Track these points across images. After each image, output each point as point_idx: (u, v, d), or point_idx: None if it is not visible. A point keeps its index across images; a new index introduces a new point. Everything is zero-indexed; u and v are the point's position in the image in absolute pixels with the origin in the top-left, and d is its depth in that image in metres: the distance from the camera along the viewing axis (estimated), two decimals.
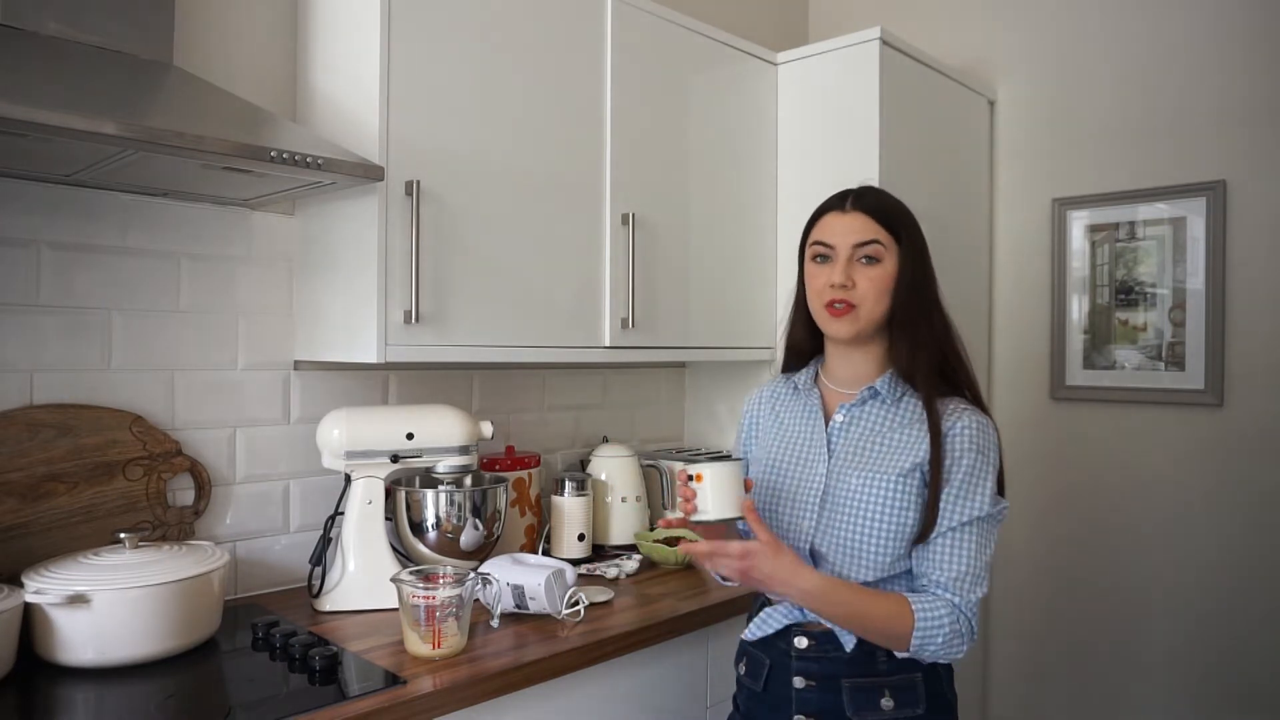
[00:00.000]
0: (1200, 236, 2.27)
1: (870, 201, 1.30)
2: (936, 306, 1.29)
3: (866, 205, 1.29)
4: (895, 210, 1.30)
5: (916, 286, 1.27)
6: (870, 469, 1.25)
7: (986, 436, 1.23)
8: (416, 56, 1.57)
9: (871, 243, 1.26)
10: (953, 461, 1.21)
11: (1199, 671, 2.29)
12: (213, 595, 1.40)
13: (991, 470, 1.22)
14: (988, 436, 1.24)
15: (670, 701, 1.63)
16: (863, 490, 1.24)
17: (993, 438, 1.25)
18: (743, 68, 2.22)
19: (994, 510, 1.21)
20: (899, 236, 1.28)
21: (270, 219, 1.74)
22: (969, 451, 1.22)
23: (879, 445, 1.26)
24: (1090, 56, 2.46)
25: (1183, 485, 2.31)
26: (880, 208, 1.29)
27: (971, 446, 1.22)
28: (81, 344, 1.52)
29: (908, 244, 1.28)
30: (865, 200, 1.30)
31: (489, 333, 1.69)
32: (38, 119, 1.07)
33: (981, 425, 1.24)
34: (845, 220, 1.28)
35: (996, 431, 1.27)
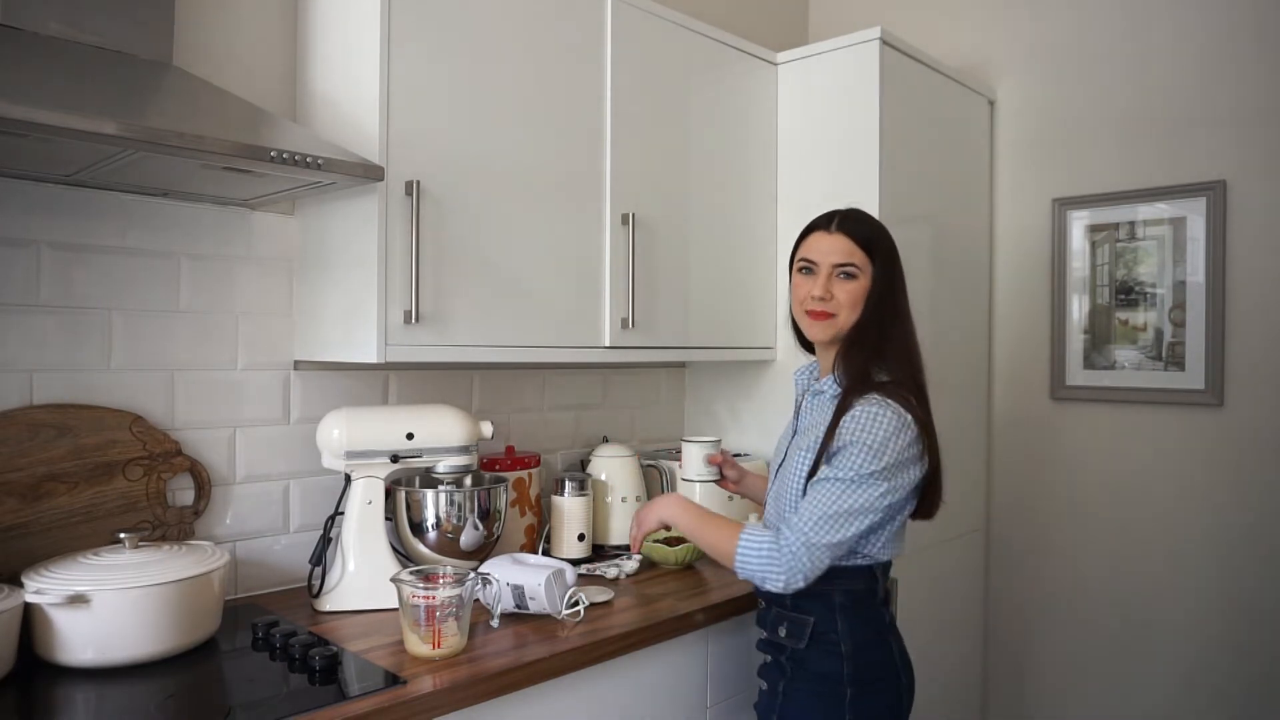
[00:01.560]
0: (1200, 236, 2.27)
1: (852, 226, 1.49)
2: (896, 318, 1.48)
3: (848, 229, 1.49)
4: (874, 234, 1.50)
5: (881, 302, 1.46)
6: (804, 447, 1.47)
7: (875, 422, 1.37)
8: (416, 56, 1.57)
9: (849, 264, 1.47)
10: (839, 441, 1.39)
11: (1199, 671, 2.29)
12: (213, 595, 1.40)
13: (867, 451, 1.35)
14: (876, 422, 1.37)
15: (670, 701, 1.63)
16: (791, 464, 1.49)
17: (884, 424, 1.36)
18: (743, 68, 2.22)
19: (852, 475, 1.36)
20: (874, 258, 1.47)
21: (270, 219, 1.74)
22: (849, 433, 1.38)
23: (816, 428, 1.47)
24: (1090, 56, 2.46)
25: (1183, 485, 2.31)
26: (860, 232, 1.49)
27: (853, 427, 1.38)
28: (81, 344, 1.52)
29: (880, 265, 1.47)
30: (848, 224, 1.49)
31: (489, 333, 1.69)
32: (38, 119, 1.07)
33: (872, 414, 1.38)
34: (829, 240, 1.49)
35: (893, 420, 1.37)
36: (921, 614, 2.33)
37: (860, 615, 1.47)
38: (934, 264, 2.37)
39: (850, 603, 1.46)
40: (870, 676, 1.46)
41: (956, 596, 2.53)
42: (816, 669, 1.47)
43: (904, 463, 1.39)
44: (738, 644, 1.76)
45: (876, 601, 1.50)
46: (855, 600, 1.47)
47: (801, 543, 1.36)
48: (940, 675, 2.46)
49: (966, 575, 2.58)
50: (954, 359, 2.48)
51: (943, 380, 2.42)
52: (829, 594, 1.46)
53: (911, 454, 1.40)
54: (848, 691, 1.44)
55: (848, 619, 1.46)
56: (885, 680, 1.48)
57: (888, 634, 1.50)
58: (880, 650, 1.48)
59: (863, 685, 1.45)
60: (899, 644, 1.52)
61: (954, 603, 2.52)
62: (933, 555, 2.39)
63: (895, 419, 1.38)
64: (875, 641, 1.48)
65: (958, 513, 2.52)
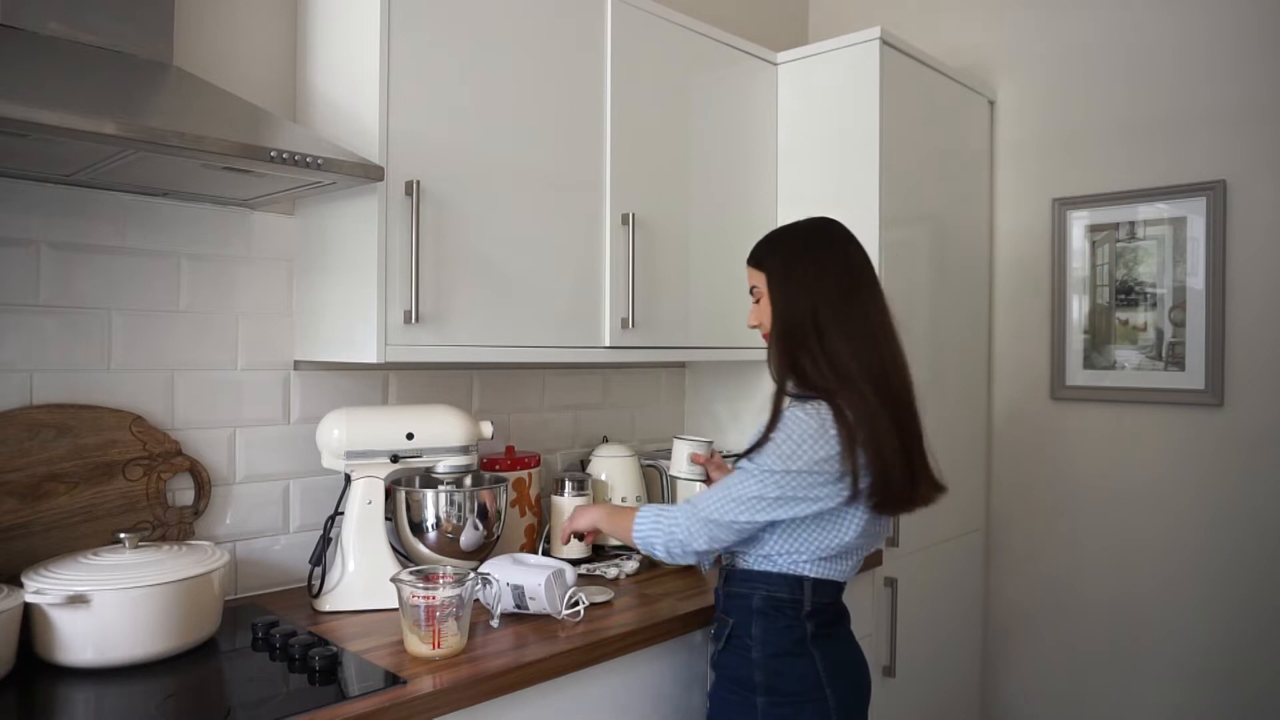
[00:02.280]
0: (1200, 236, 2.27)
1: (751, 251, 1.54)
2: (798, 324, 1.43)
3: (749, 256, 1.55)
4: (765, 249, 1.53)
5: (779, 311, 1.47)
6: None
7: (793, 427, 1.37)
8: (416, 56, 1.57)
9: (753, 288, 1.53)
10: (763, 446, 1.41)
11: (1199, 670, 2.29)
12: (212, 595, 1.40)
13: (778, 451, 1.37)
14: (795, 427, 1.37)
15: (670, 701, 1.63)
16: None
17: (793, 429, 1.36)
18: (743, 67, 2.22)
19: (756, 468, 1.38)
20: (766, 270, 1.50)
21: (270, 219, 1.74)
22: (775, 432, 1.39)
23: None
24: (1090, 56, 2.46)
25: (1183, 485, 2.31)
26: (754, 254, 1.54)
27: (779, 427, 1.39)
28: (81, 344, 1.52)
29: (771, 272, 1.49)
30: (750, 252, 1.55)
31: (489, 333, 1.69)
32: (38, 119, 1.07)
33: (796, 419, 1.37)
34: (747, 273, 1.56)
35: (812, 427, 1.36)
36: (921, 614, 2.34)
37: (777, 623, 1.43)
38: (934, 264, 2.37)
39: (768, 609, 1.43)
40: (788, 689, 1.41)
41: (956, 596, 2.53)
42: (731, 673, 1.46)
43: (815, 475, 1.35)
44: None
45: (799, 613, 1.43)
46: (774, 607, 1.43)
47: (689, 513, 1.42)
48: (940, 675, 2.46)
49: (966, 575, 2.58)
50: (954, 359, 2.48)
51: (943, 380, 2.43)
52: (749, 597, 1.45)
53: (828, 469, 1.35)
54: (758, 701, 1.42)
55: (763, 625, 1.43)
56: (807, 696, 1.41)
57: (810, 647, 1.43)
58: (799, 663, 1.42)
59: (778, 696, 1.41)
60: (832, 660, 1.44)
61: (953, 602, 2.52)
62: (933, 555, 2.39)
63: (813, 424, 1.35)
64: (793, 652, 1.42)
65: (958, 513, 2.52)
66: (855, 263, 1.47)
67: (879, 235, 2.12)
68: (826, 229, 1.51)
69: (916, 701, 2.33)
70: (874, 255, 2.10)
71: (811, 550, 1.42)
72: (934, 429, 2.35)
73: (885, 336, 1.44)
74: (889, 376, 1.41)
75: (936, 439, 2.36)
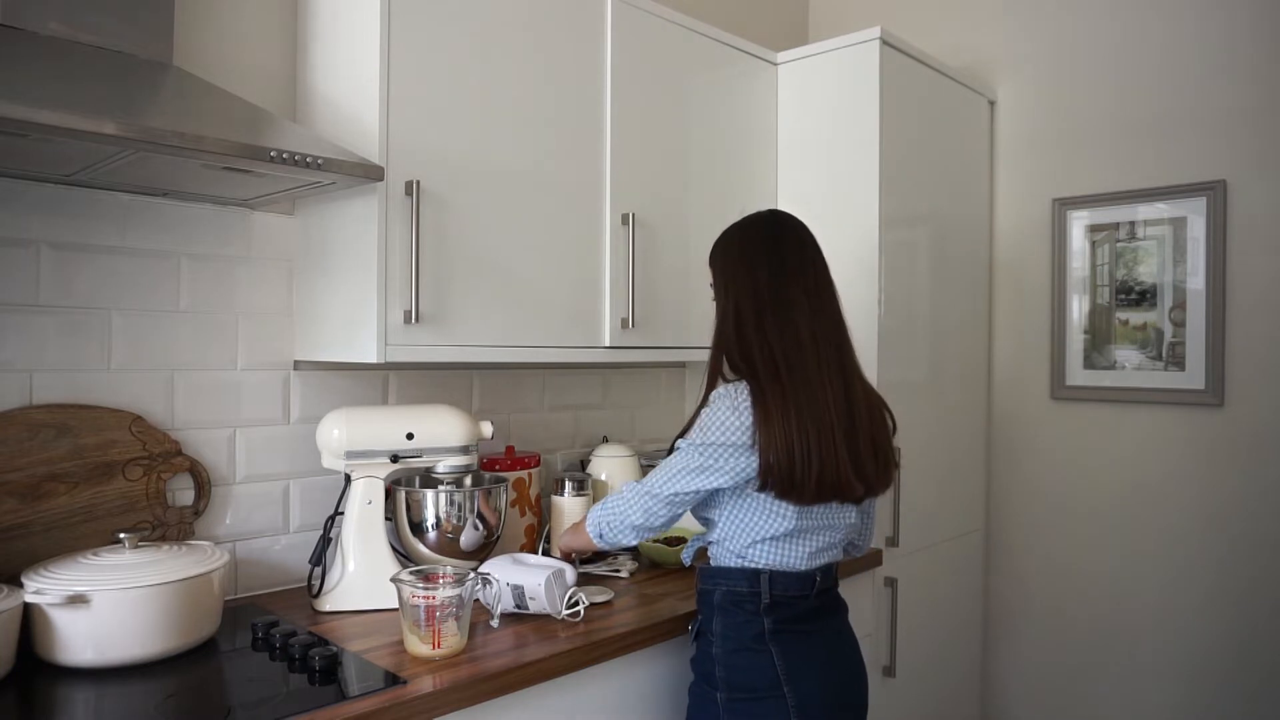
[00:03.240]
0: (1200, 236, 2.27)
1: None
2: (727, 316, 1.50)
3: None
4: (713, 250, 1.58)
5: (717, 306, 1.53)
6: None
7: (713, 403, 1.46)
8: (416, 56, 1.57)
9: (711, 287, 1.57)
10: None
11: (1199, 670, 2.29)
12: (212, 595, 1.40)
13: (699, 426, 1.45)
14: (713, 403, 1.46)
15: (670, 702, 1.63)
16: None
17: (717, 405, 1.44)
18: (743, 68, 2.22)
19: (684, 443, 1.46)
20: (710, 266, 1.57)
21: (270, 219, 1.74)
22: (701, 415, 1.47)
23: None
24: (1090, 56, 2.46)
25: (1183, 485, 2.31)
26: (709, 257, 1.59)
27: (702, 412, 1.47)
28: (81, 344, 1.52)
29: (712, 270, 1.56)
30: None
31: (489, 333, 1.69)
32: (38, 119, 1.07)
33: (715, 396, 1.46)
34: None
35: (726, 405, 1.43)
36: (921, 613, 2.33)
37: (735, 618, 1.44)
38: (934, 264, 2.37)
39: (727, 604, 1.45)
40: (746, 685, 1.42)
41: (956, 596, 2.53)
42: (698, 668, 1.50)
43: (730, 444, 1.41)
44: None
45: (758, 607, 1.43)
46: (733, 602, 1.45)
47: (631, 489, 1.50)
48: (939, 674, 2.46)
49: (966, 575, 2.58)
50: (954, 359, 2.48)
51: (943, 380, 2.43)
52: (712, 592, 1.48)
53: (741, 439, 1.40)
54: (719, 695, 1.43)
55: (722, 620, 1.46)
56: (765, 693, 1.41)
57: (768, 643, 1.42)
58: (756, 659, 1.42)
59: (736, 692, 1.42)
60: (793, 658, 1.43)
61: (953, 602, 2.52)
62: (933, 555, 2.39)
63: (730, 406, 1.42)
64: (750, 648, 1.43)
65: (958, 513, 2.52)
66: (784, 257, 1.48)
67: (879, 235, 2.12)
68: (763, 224, 1.55)
69: (916, 701, 2.33)
70: (874, 255, 2.12)
71: (755, 530, 1.45)
72: (934, 429, 2.38)
73: (816, 329, 1.45)
74: (808, 368, 1.42)
75: (936, 439, 2.39)
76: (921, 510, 2.30)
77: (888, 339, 2.16)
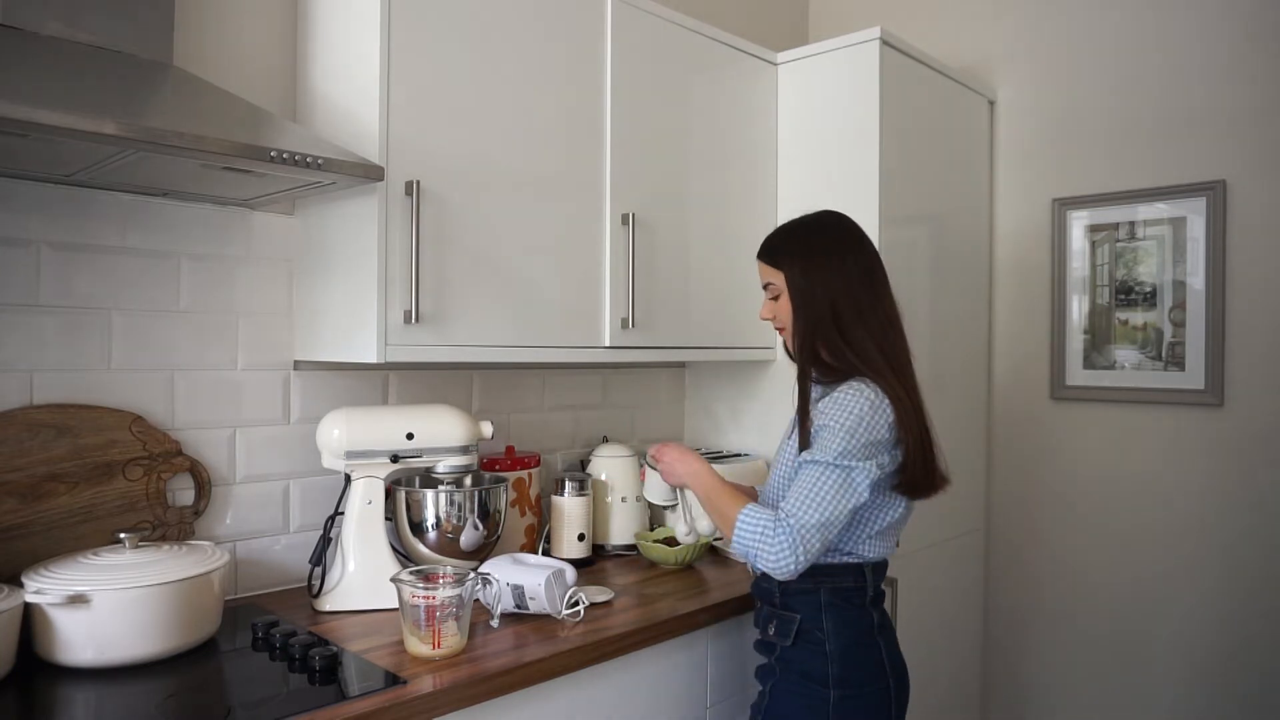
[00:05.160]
0: (1200, 236, 2.27)
1: (763, 248, 1.56)
2: (842, 314, 1.46)
3: (760, 252, 1.56)
4: (777, 245, 1.55)
5: (810, 305, 1.48)
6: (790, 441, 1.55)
7: (840, 407, 1.40)
8: (416, 56, 1.57)
9: (767, 285, 1.55)
10: (816, 424, 1.43)
11: (1200, 671, 2.29)
12: (213, 595, 1.40)
13: (841, 431, 1.38)
14: (842, 407, 1.40)
15: (670, 702, 1.63)
16: (783, 457, 1.56)
17: (851, 407, 1.39)
18: (743, 68, 2.22)
19: (832, 459, 1.37)
20: (783, 267, 1.51)
21: (270, 219, 1.74)
22: (826, 416, 1.41)
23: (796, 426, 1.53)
24: (1090, 56, 2.46)
25: (1182, 485, 2.31)
26: (766, 250, 1.55)
27: (829, 409, 1.41)
28: (81, 344, 1.52)
29: (789, 271, 1.50)
30: (761, 247, 1.56)
31: (489, 333, 1.69)
32: (38, 119, 1.07)
33: (836, 400, 1.41)
34: (758, 267, 1.57)
35: (868, 401, 1.39)
36: (921, 614, 2.33)
37: (847, 614, 1.46)
38: (934, 264, 2.37)
39: (837, 601, 1.46)
40: (857, 679, 1.44)
41: (956, 596, 2.53)
42: (802, 668, 1.46)
43: (880, 443, 1.39)
44: (738, 644, 1.76)
45: (865, 601, 1.48)
46: (842, 598, 1.46)
47: (792, 529, 1.34)
48: (940, 675, 2.46)
49: (966, 575, 2.58)
50: (954, 359, 2.48)
51: (943, 380, 2.43)
52: (816, 591, 1.46)
53: (887, 436, 1.39)
54: (832, 694, 1.43)
55: (834, 618, 1.46)
56: (872, 684, 1.46)
57: (876, 636, 1.49)
58: (868, 652, 1.47)
59: (849, 688, 1.44)
60: (890, 648, 1.50)
61: (953, 602, 2.52)
62: (933, 555, 2.39)
63: (868, 401, 1.39)
64: (863, 642, 1.47)
65: (958, 513, 2.52)
66: (870, 257, 1.52)
67: (879, 235, 2.11)
68: (842, 224, 1.55)
69: (916, 701, 2.32)
70: None
71: (873, 525, 1.46)
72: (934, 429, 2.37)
73: (897, 329, 1.50)
74: (905, 366, 1.48)
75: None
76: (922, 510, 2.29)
77: None
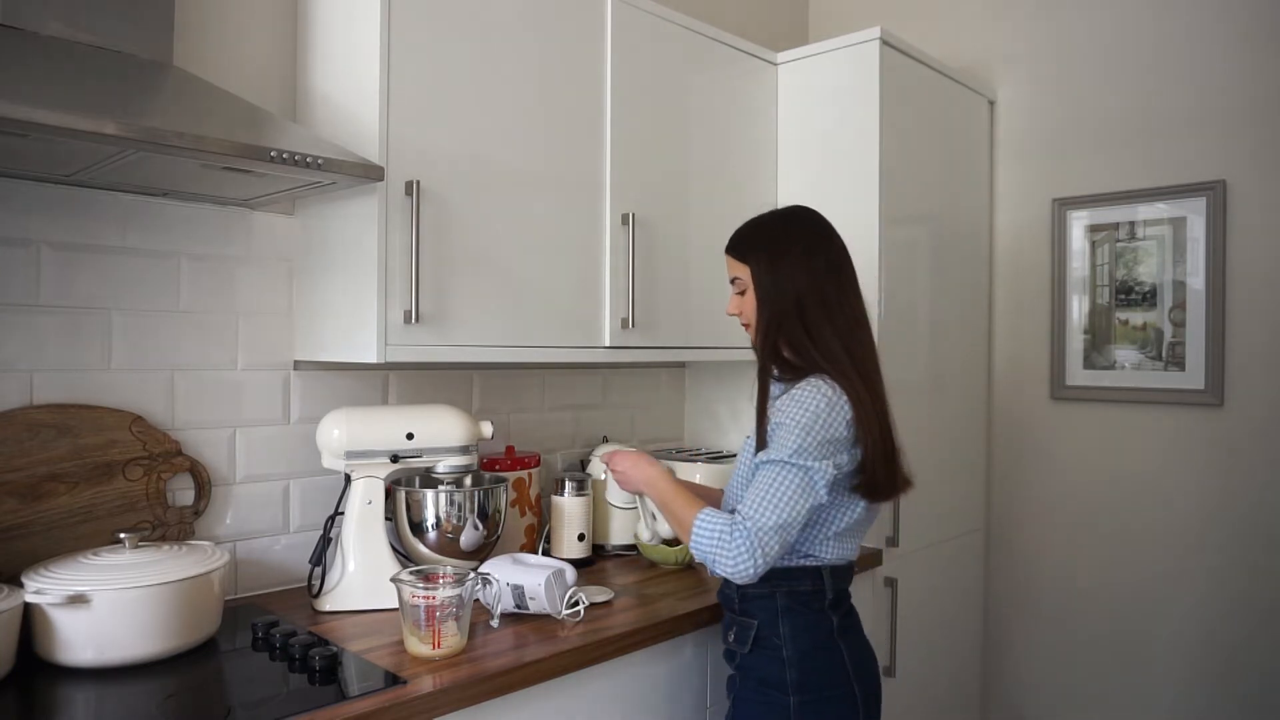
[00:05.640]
0: (1200, 236, 2.27)
1: (730, 241, 1.55)
2: (785, 313, 1.45)
3: (728, 246, 1.55)
4: (745, 239, 1.53)
5: (765, 300, 1.47)
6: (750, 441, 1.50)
7: (797, 403, 1.37)
8: (416, 56, 1.57)
9: (734, 279, 1.53)
10: (773, 421, 1.40)
11: (1198, 670, 2.29)
12: (213, 595, 1.40)
13: (797, 429, 1.35)
14: (799, 404, 1.37)
15: (670, 702, 1.63)
16: (743, 455, 1.55)
17: (808, 404, 1.36)
18: (743, 68, 2.22)
19: (788, 458, 1.34)
20: (749, 261, 1.50)
21: (270, 219, 1.74)
22: (783, 414, 1.38)
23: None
24: (1090, 56, 2.46)
25: (1182, 485, 2.31)
26: (734, 243, 1.54)
27: (787, 407, 1.39)
28: (81, 344, 1.52)
29: (755, 265, 1.49)
30: (729, 241, 1.55)
31: (489, 333, 1.69)
32: (38, 119, 1.07)
33: (794, 396, 1.38)
34: (726, 262, 1.56)
35: (825, 398, 1.37)
36: (921, 614, 2.33)
37: (805, 619, 1.43)
38: (934, 264, 2.37)
39: (794, 605, 1.43)
40: (818, 685, 1.42)
41: (956, 596, 2.53)
42: (760, 675, 1.44)
43: (837, 441, 1.36)
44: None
45: (824, 605, 1.45)
46: (800, 603, 1.43)
47: (749, 531, 1.32)
48: (940, 675, 2.46)
49: (966, 575, 2.58)
50: (954, 359, 2.48)
51: (943, 380, 2.43)
52: (772, 596, 1.44)
53: (845, 434, 1.37)
54: (792, 700, 1.40)
55: (790, 622, 1.43)
56: (836, 691, 1.42)
57: (837, 640, 1.45)
58: (829, 656, 1.43)
59: (809, 694, 1.41)
60: (855, 653, 1.46)
61: (954, 602, 2.52)
62: (933, 555, 2.39)
63: (825, 398, 1.36)
64: (822, 646, 1.43)
65: (958, 513, 2.52)
66: (838, 255, 1.49)
67: (879, 235, 2.12)
68: (811, 219, 1.53)
69: (916, 701, 2.33)
70: (874, 255, 2.12)
71: (831, 526, 1.43)
72: (934, 429, 2.38)
73: (864, 328, 1.48)
74: (870, 366, 1.45)
75: (936, 439, 2.39)
76: (921, 510, 2.30)
77: (888, 339, 2.16)
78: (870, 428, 1.38)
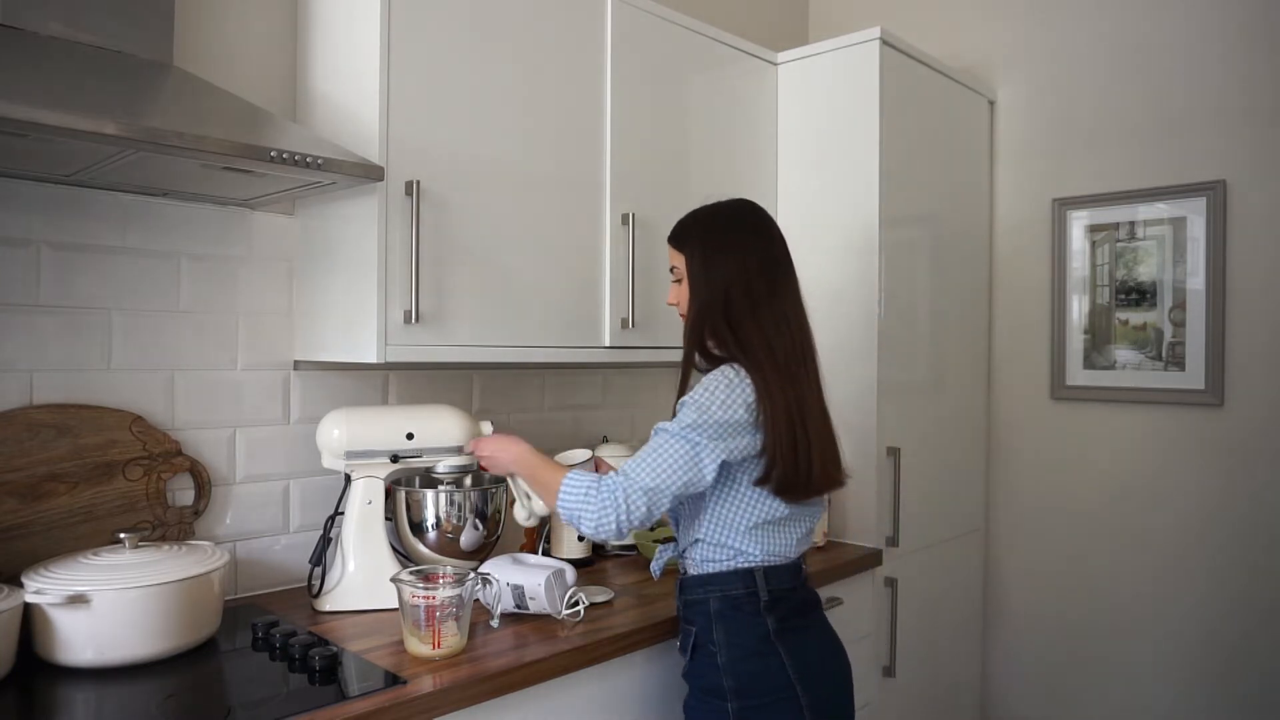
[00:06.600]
0: (1200, 236, 2.27)
1: (672, 230, 1.55)
2: (711, 305, 1.45)
3: (670, 235, 1.55)
4: (684, 229, 1.53)
5: (697, 289, 1.47)
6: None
7: (701, 386, 1.40)
8: (416, 56, 1.57)
9: (672, 268, 1.54)
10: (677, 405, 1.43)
11: (1198, 669, 2.29)
12: (212, 595, 1.40)
13: (694, 406, 1.38)
14: (702, 386, 1.40)
15: (670, 701, 1.63)
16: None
17: (708, 384, 1.39)
18: (743, 67, 2.22)
19: (679, 430, 1.37)
20: (684, 249, 1.50)
21: (270, 219, 1.74)
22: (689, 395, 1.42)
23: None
24: (1090, 56, 2.46)
25: (1182, 485, 2.31)
26: (673, 233, 1.54)
27: (695, 389, 1.41)
28: (81, 344, 1.52)
29: (689, 255, 1.49)
30: (671, 230, 1.55)
31: (489, 333, 1.69)
32: (38, 119, 1.07)
33: (711, 378, 1.41)
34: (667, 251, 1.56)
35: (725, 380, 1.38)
36: (921, 614, 2.34)
37: (738, 622, 1.41)
38: (934, 264, 2.37)
39: (726, 609, 1.41)
40: (758, 690, 1.39)
41: (956, 596, 2.53)
42: (700, 682, 1.43)
43: (734, 424, 1.36)
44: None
45: (758, 608, 1.41)
46: (732, 606, 1.41)
47: (623, 485, 1.34)
48: (940, 675, 2.46)
49: (966, 575, 2.58)
50: (954, 359, 2.48)
51: (943, 380, 2.43)
52: (706, 601, 1.43)
53: (744, 417, 1.36)
54: (730, 706, 1.38)
55: (724, 627, 1.41)
56: (775, 694, 1.39)
57: (774, 643, 1.40)
58: (765, 660, 1.39)
59: (749, 699, 1.38)
60: (797, 655, 1.41)
61: (954, 603, 2.52)
62: (933, 555, 2.39)
63: (725, 379, 1.37)
64: (756, 652, 1.40)
65: (958, 513, 2.52)
66: (774, 250, 1.48)
67: (879, 235, 2.12)
68: (749, 213, 1.52)
69: (916, 701, 2.33)
70: (874, 255, 2.12)
71: (745, 518, 1.42)
72: (934, 429, 2.38)
73: (795, 326, 1.46)
74: (792, 363, 1.42)
75: (936, 439, 2.39)
76: (921, 510, 2.30)
77: (888, 339, 2.16)
78: (776, 416, 1.37)
